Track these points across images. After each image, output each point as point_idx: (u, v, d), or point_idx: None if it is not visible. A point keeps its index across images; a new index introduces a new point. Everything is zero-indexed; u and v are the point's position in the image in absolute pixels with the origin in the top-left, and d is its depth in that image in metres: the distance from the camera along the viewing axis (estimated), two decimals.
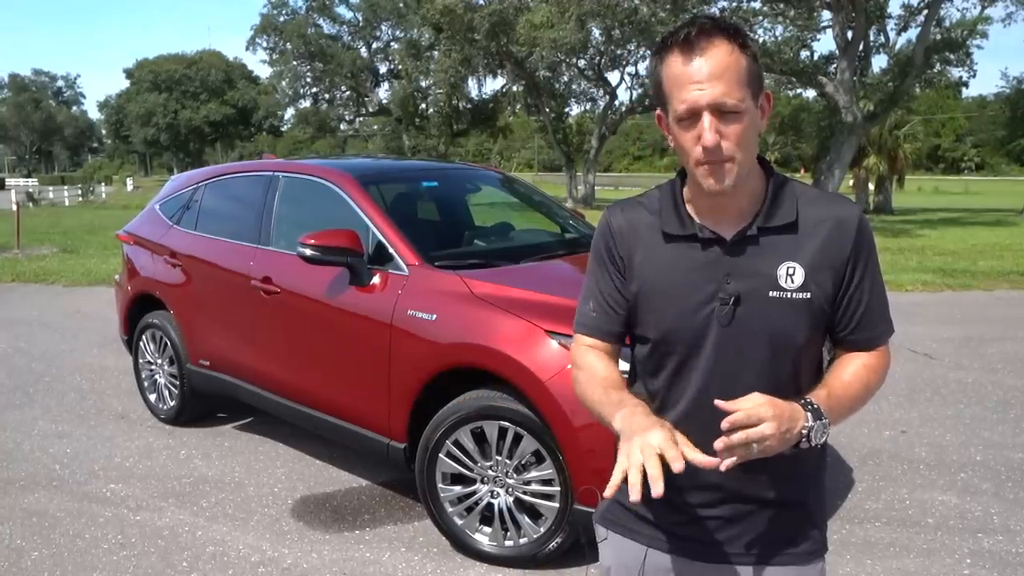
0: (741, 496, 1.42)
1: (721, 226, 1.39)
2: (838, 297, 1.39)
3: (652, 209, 1.46)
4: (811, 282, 1.36)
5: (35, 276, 11.47)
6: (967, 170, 78.96)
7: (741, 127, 1.29)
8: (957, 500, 3.84)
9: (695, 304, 1.39)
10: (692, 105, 1.27)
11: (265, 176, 4.60)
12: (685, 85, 1.28)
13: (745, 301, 1.36)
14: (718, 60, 1.26)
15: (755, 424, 1.20)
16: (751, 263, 1.37)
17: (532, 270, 3.78)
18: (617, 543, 1.54)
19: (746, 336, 1.37)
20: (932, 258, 12.90)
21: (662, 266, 1.42)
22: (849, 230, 1.37)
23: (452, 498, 3.35)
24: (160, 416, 5.13)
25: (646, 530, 1.50)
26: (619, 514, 1.54)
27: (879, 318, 1.43)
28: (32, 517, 3.76)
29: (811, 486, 1.46)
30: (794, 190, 1.41)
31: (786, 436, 1.23)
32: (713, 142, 1.27)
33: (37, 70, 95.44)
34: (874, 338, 1.43)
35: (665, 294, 1.42)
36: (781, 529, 1.44)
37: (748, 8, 22.81)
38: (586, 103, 35.61)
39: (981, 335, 7.30)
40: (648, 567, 1.49)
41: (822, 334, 1.42)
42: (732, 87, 1.27)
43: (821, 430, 1.28)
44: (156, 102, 67.58)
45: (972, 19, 23.38)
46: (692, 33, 1.28)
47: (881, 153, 25.51)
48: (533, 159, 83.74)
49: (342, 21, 43.91)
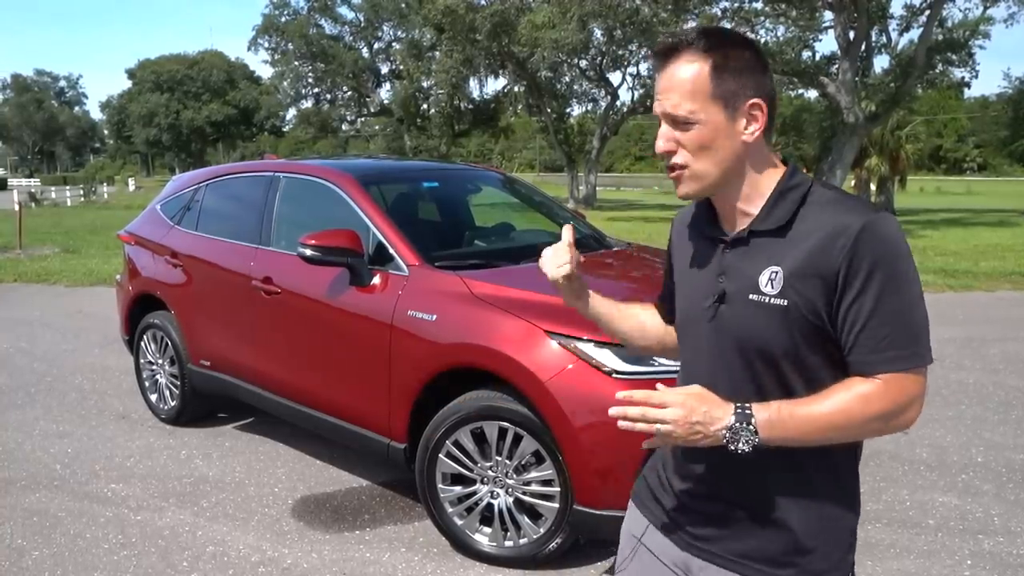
0: (729, 498, 1.41)
1: (730, 226, 1.43)
2: (834, 311, 1.29)
3: (695, 211, 1.56)
4: (790, 289, 1.30)
5: (37, 276, 11.48)
6: (969, 171, 78.90)
7: (695, 136, 1.33)
8: (958, 501, 3.83)
9: (695, 299, 1.46)
10: (657, 113, 1.37)
11: (266, 176, 4.60)
12: (655, 94, 1.38)
13: (728, 301, 1.38)
14: (674, 72, 1.33)
15: (658, 406, 1.26)
16: (740, 264, 1.38)
17: (532, 271, 3.73)
18: (631, 513, 1.63)
19: (722, 335, 1.39)
20: (934, 259, 12.89)
21: (686, 263, 1.52)
22: (845, 238, 1.25)
23: (452, 498, 3.35)
24: (161, 416, 5.13)
25: (653, 508, 1.56)
26: (640, 488, 1.63)
27: (889, 342, 1.26)
28: (33, 517, 3.76)
29: (805, 510, 1.37)
30: (804, 193, 1.34)
31: (696, 428, 1.26)
32: (660, 149, 1.38)
33: (39, 70, 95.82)
34: (871, 363, 1.27)
35: (682, 288, 1.53)
36: (762, 544, 1.39)
37: (750, 8, 22.81)
38: (588, 103, 35.67)
39: (983, 336, 7.30)
40: (645, 540, 1.56)
41: (827, 351, 1.31)
42: (684, 98, 1.32)
43: (745, 436, 1.25)
44: (158, 102, 67.62)
45: (974, 19, 23.40)
46: (661, 45, 1.36)
47: (883, 154, 25.45)
48: (535, 159, 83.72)
49: (344, 21, 43.98)
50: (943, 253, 13.77)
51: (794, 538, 1.37)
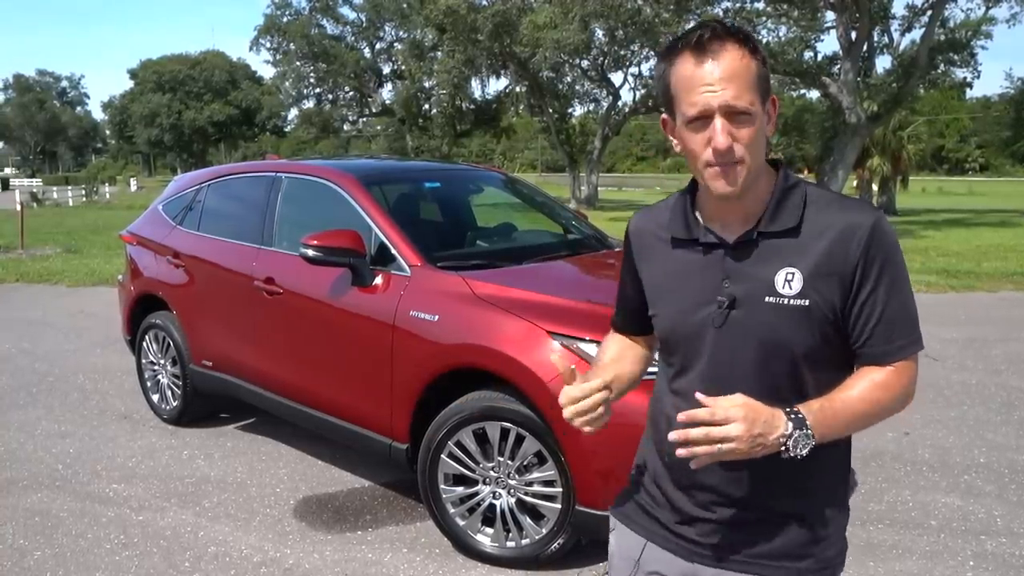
0: (737, 501, 1.40)
1: (726, 230, 1.39)
2: (847, 307, 1.33)
3: (663, 214, 1.50)
4: (810, 289, 1.32)
5: (39, 276, 11.49)
6: (971, 171, 78.87)
7: (752, 130, 1.29)
8: (960, 502, 3.83)
9: (692, 306, 1.40)
10: (704, 107, 1.27)
11: (268, 177, 4.60)
12: (696, 88, 1.28)
13: (741, 305, 1.35)
14: (730, 63, 1.27)
15: (721, 423, 1.20)
16: (750, 267, 1.36)
17: (534, 271, 3.78)
18: (622, 533, 1.57)
19: (738, 340, 1.36)
20: (936, 259, 12.88)
21: (666, 270, 1.46)
22: (859, 236, 1.31)
23: (454, 499, 3.35)
24: (163, 416, 5.13)
25: (648, 524, 1.52)
26: (627, 506, 1.58)
27: (898, 332, 1.34)
28: (35, 517, 3.76)
29: (815, 501, 1.41)
30: (805, 194, 1.38)
31: (758, 440, 1.22)
32: (725, 145, 1.27)
33: (41, 70, 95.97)
34: (888, 352, 1.34)
35: (667, 296, 1.46)
36: (779, 541, 1.39)
37: (752, 9, 22.81)
38: (589, 104, 35.61)
39: (985, 336, 7.28)
40: (644, 559, 1.52)
41: (835, 346, 1.36)
42: (743, 90, 1.27)
43: (803, 441, 1.25)
44: (160, 102, 67.66)
45: (976, 20, 23.38)
46: (705, 36, 1.28)
47: (885, 154, 25.46)
48: (536, 160, 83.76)
49: (345, 22, 43.98)
50: (945, 254, 13.75)
51: (810, 529, 1.40)
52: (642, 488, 1.55)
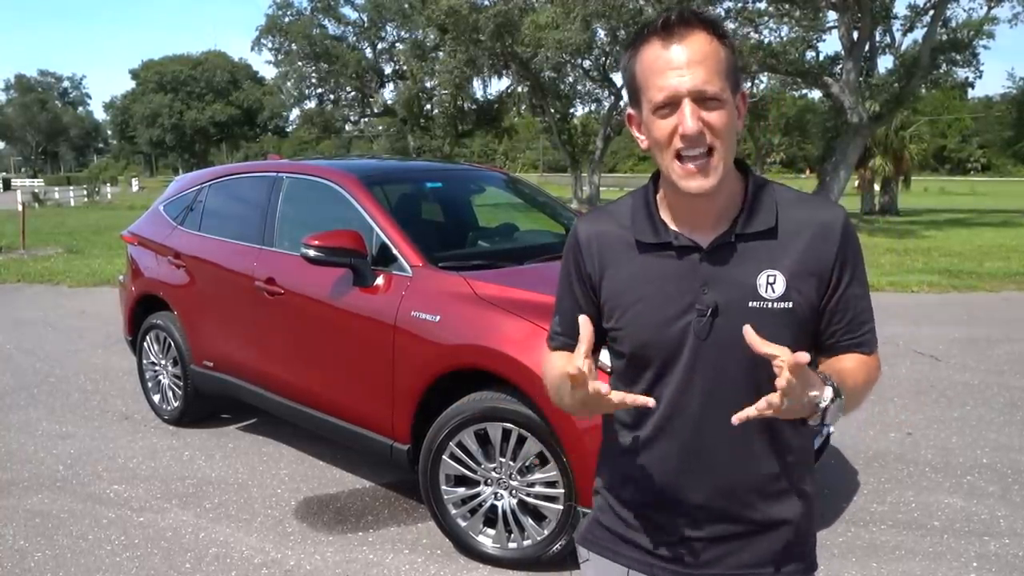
0: (725, 516, 1.36)
1: (697, 233, 1.32)
2: (822, 304, 1.32)
3: (623, 218, 1.40)
4: (793, 290, 1.28)
5: (40, 276, 11.51)
6: (973, 171, 78.82)
7: (723, 115, 1.22)
8: (963, 503, 3.81)
9: (670, 316, 1.31)
10: (672, 92, 1.21)
11: (269, 177, 4.60)
12: (663, 72, 1.22)
13: (723, 312, 1.28)
14: (699, 47, 1.21)
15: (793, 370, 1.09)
16: (729, 272, 1.29)
17: (536, 271, 3.77)
18: (598, 564, 1.48)
19: (725, 349, 1.28)
20: (938, 259, 12.87)
21: (634, 278, 1.35)
22: (834, 234, 1.30)
23: (456, 500, 3.34)
24: (164, 417, 5.13)
25: (627, 551, 1.44)
26: (600, 535, 1.48)
27: (867, 324, 1.36)
28: (36, 518, 3.76)
29: (798, 503, 1.38)
30: (774, 193, 1.34)
31: (803, 400, 1.14)
32: (695, 129, 1.20)
33: (43, 71, 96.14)
34: (863, 343, 1.35)
35: (638, 307, 1.34)
36: (767, 549, 1.37)
37: (753, 8, 22.78)
38: (591, 104, 35.57)
39: (987, 336, 7.27)
40: None
41: (808, 345, 1.31)
42: (712, 75, 1.21)
43: (836, 411, 1.19)
44: (161, 103, 67.81)
45: (978, 19, 23.34)
46: (672, 19, 1.23)
47: (887, 154, 25.43)
48: (538, 160, 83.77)
49: (347, 22, 43.93)
50: (947, 254, 13.74)
51: (796, 529, 1.39)
52: (612, 513, 1.46)
